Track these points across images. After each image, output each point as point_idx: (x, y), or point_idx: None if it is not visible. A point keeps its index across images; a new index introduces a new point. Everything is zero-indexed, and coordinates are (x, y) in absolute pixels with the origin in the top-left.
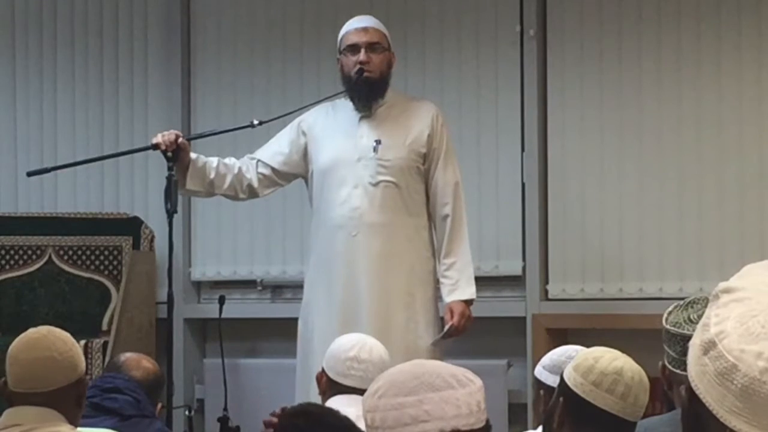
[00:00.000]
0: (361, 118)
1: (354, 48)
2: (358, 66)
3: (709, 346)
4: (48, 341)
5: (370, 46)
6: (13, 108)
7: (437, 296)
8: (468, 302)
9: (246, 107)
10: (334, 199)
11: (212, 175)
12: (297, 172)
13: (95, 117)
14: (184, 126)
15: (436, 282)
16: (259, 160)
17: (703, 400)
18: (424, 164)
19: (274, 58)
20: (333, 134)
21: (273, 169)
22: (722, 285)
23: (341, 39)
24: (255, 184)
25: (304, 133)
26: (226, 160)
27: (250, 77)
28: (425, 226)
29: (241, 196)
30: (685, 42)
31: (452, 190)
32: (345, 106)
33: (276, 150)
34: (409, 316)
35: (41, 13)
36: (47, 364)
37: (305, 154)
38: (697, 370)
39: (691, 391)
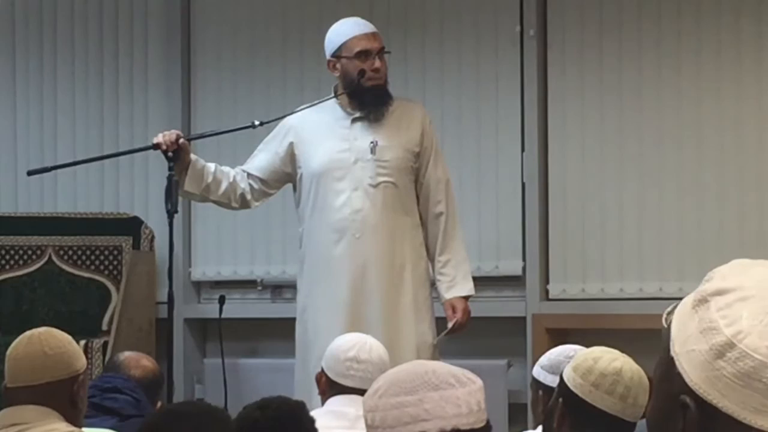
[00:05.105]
0: (353, 120)
1: (367, 54)
2: (364, 71)
3: (726, 349)
4: (41, 338)
5: (379, 52)
6: (13, 108)
7: (432, 294)
8: (466, 298)
9: (246, 107)
10: (331, 203)
11: (209, 180)
12: (285, 179)
13: (95, 116)
14: (184, 126)
15: (431, 280)
16: (248, 173)
17: (718, 406)
18: (416, 163)
19: (274, 58)
20: (324, 137)
21: (261, 180)
22: (709, 288)
23: (344, 43)
24: (248, 195)
25: (289, 140)
26: (223, 168)
27: (250, 77)
28: (418, 225)
29: (234, 205)
30: (685, 42)
31: (444, 188)
32: (329, 109)
33: (262, 159)
34: (416, 314)
35: (41, 13)
36: (36, 358)
37: (291, 160)
38: (706, 376)
39: (696, 401)
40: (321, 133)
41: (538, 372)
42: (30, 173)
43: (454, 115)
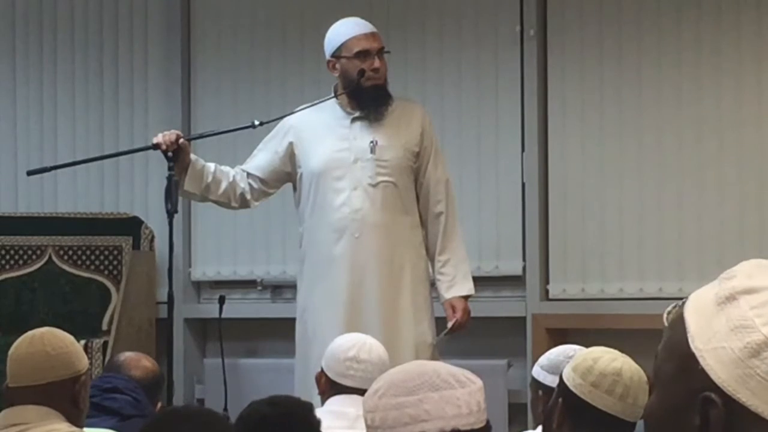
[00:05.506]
0: (353, 120)
1: (366, 54)
2: (363, 71)
3: (762, 348)
4: (44, 338)
5: (379, 52)
6: (13, 108)
7: (432, 294)
8: (466, 298)
9: (246, 107)
10: (331, 202)
11: (209, 179)
12: (284, 179)
13: (95, 117)
14: (184, 126)
15: (430, 280)
16: (248, 172)
17: (746, 404)
18: (416, 163)
19: (274, 58)
20: (324, 137)
21: (261, 179)
22: (738, 286)
23: (344, 43)
24: (247, 195)
25: (289, 140)
26: (222, 167)
27: (250, 77)
28: (417, 225)
29: (233, 204)
30: (685, 41)
31: (444, 188)
32: (329, 108)
33: (262, 159)
34: (415, 314)
35: (41, 13)
36: (39, 358)
37: (291, 160)
38: (737, 374)
39: (723, 399)
40: (320, 132)
41: (537, 372)
42: (30, 173)
43: (454, 115)
